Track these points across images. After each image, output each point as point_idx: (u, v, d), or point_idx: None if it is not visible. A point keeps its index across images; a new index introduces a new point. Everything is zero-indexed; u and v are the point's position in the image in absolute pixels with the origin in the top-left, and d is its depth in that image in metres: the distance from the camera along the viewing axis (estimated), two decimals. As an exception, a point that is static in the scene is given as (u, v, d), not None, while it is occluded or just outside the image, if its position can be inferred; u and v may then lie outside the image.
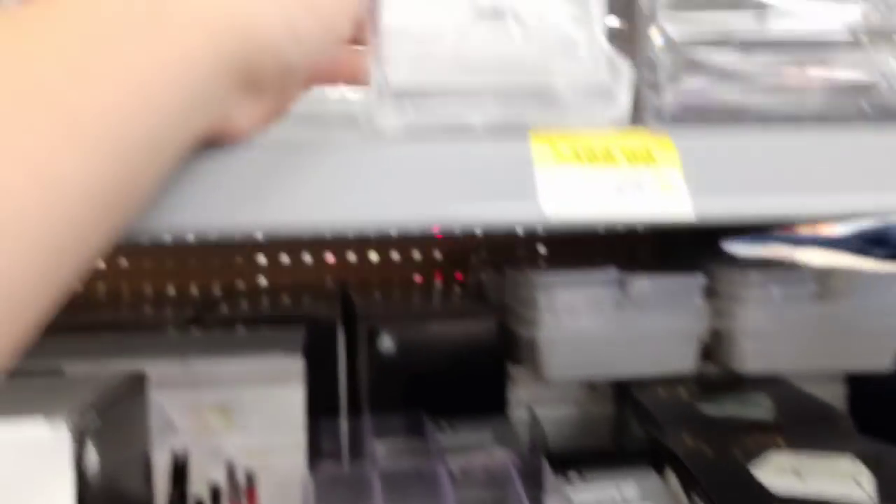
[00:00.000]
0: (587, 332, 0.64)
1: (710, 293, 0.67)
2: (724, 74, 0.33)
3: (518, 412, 0.69)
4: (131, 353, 0.56)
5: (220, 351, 0.57)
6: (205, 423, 0.54)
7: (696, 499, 0.44)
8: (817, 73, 0.38)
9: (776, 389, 0.64)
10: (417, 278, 0.95)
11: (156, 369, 0.52)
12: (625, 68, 0.32)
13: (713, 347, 0.69)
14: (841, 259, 0.81)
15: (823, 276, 0.66)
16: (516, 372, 0.71)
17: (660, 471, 0.51)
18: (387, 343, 0.67)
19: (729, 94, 0.33)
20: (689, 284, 0.66)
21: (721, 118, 0.34)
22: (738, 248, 0.84)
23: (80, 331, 0.66)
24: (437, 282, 0.94)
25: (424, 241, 0.94)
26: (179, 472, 0.53)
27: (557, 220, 0.27)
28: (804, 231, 0.88)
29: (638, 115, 0.33)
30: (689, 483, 0.45)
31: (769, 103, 0.35)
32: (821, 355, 0.66)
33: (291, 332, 0.63)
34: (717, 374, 0.69)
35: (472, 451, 0.56)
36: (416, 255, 0.95)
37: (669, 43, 0.33)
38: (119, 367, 0.51)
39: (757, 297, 0.65)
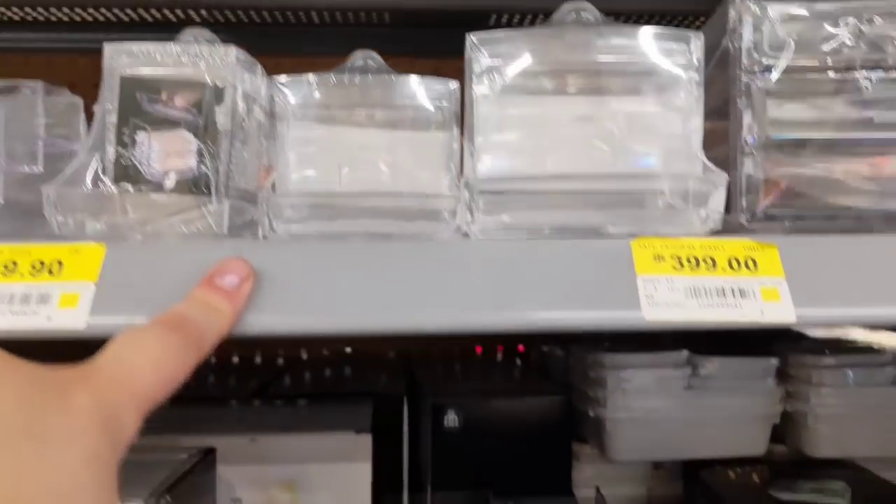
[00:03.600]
0: (655, 414, 0.62)
1: (783, 376, 0.64)
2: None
3: (583, 491, 0.67)
4: (199, 426, 0.56)
5: (287, 426, 0.56)
6: (271, 498, 0.53)
7: None
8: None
9: (852, 475, 0.60)
10: (478, 349, 0.93)
11: (223, 444, 0.52)
12: (720, 176, 0.31)
13: (785, 430, 0.65)
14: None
15: (901, 360, 0.62)
16: (581, 451, 0.69)
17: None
18: (452, 419, 0.65)
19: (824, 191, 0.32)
20: (761, 366, 0.63)
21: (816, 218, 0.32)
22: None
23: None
24: (499, 353, 0.92)
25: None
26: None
27: (658, 324, 0.26)
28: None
29: (731, 221, 0.32)
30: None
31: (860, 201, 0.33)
32: (899, 442, 0.62)
33: (358, 407, 0.62)
34: (788, 457, 0.66)
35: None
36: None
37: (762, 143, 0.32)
38: (188, 442, 0.50)
39: (831, 380, 0.62)
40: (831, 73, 0.33)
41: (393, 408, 0.68)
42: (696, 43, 0.33)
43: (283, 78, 0.37)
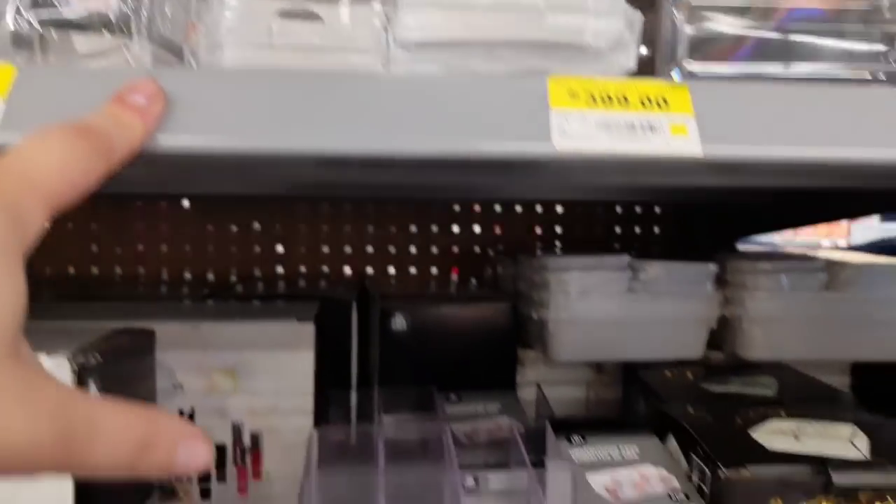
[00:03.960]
0: (597, 316, 0.63)
1: (721, 282, 0.66)
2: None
3: (527, 393, 0.68)
4: (143, 316, 0.56)
5: (231, 316, 0.56)
6: (213, 384, 0.53)
7: (695, 458, 0.42)
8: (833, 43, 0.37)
9: (780, 373, 0.62)
10: (434, 272, 0.94)
11: (165, 330, 0.52)
12: (637, 18, 0.32)
13: (721, 335, 0.67)
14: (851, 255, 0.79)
15: (832, 267, 0.64)
16: (526, 356, 0.70)
17: (662, 439, 0.49)
18: (399, 323, 0.66)
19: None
20: (700, 272, 0.65)
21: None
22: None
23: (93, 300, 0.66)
24: (454, 275, 0.93)
25: (442, 237, 0.93)
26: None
27: (568, 154, 0.27)
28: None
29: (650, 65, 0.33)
30: (688, 445, 0.44)
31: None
32: (827, 344, 0.64)
33: (305, 304, 0.62)
34: (725, 362, 0.68)
35: (478, 419, 0.55)
36: (434, 249, 0.94)
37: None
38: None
39: (765, 285, 0.63)
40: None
41: (342, 311, 0.69)
42: None
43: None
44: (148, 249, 0.88)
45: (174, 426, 0.24)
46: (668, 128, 0.28)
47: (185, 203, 0.89)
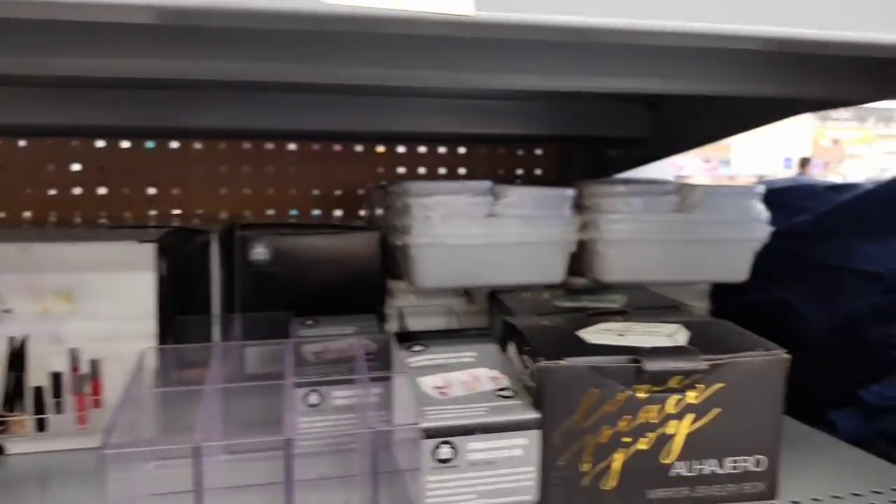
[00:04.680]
0: (459, 241, 0.63)
1: (580, 207, 0.67)
2: None
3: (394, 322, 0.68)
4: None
5: (66, 239, 0.53)
6: (47, 308, 0.50)
7: (525, 357, 0.43)
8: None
9: (635, 292, 0.64)
10: (315, 212, 0.92)
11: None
12: None
13: (581, 260, 0.69)
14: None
15: (682, 190, 0.66)
16: (396, 287, 0.70)
17: (505, 347, 0.50)
18: (260, 253, 0.64)
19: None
20: (558, 196, 0.66)
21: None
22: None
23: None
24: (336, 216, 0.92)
25: (324, 179, 0.91)
26: (16, 358, 0.49)
27: (339, 12, 0.26)
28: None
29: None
30: (522, 346, 0.44)
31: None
32: (679, 266, 0.66)
33: (153, 231, 0.60)
34: (585, 285, 0.69)
35: (331, 340, 0.54)
36: (316, 192, 0.92)
37: None
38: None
39: (619, 207, 0.65)
40: None
41: (201, 241, 0.67)
42: None
43: None
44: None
45: None
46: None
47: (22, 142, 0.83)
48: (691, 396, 0.41)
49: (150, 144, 0.86)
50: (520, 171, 0.96)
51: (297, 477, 0.38)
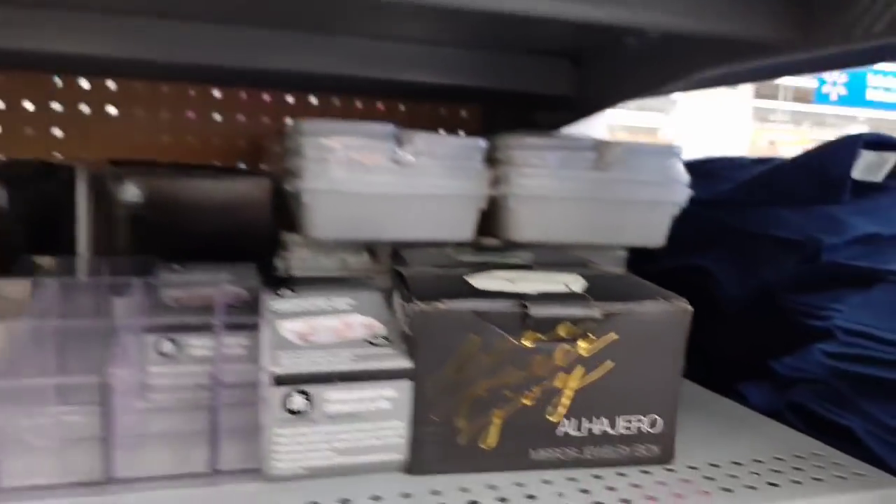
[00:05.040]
0: (357, 188, 0.58)
1: (493, 160, 0.62)
2: None
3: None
4: None
5: None
6: None
7: (406, 304, 0.38)
8: None
9: (544, 251, 0.60)
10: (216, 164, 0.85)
11: None
12: None
13: (493, 218, 0.64)
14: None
15: (600, 146, 0.62)
16: (291, 240, 0.63)
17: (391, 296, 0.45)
18: (131, 193, 0.57)
19: None
20: (467, 147, 0.61)
21: None
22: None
23: None
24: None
25: (226, 127, 0.84)
26: None
27: None
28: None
29: None
30: (403, 293, 0.39)
31: None
32: (596, 227, 0.62)
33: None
34: (497, 244, 0.65)
35: (197, 287, 0.48)
36: (217, 141, 0.85)
37: None
38: None
39: (532, 162, 0.60)
40: None
41: (66, 177, 0.59)
42: None
43: None
44: None
45: None
46: None
47: None
48: (582, 348, 0.36)
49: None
50: (442, 132, 0.91)
51: (120, 430, 0.32)
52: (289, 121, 0.83)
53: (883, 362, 0.49)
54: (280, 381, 0.34)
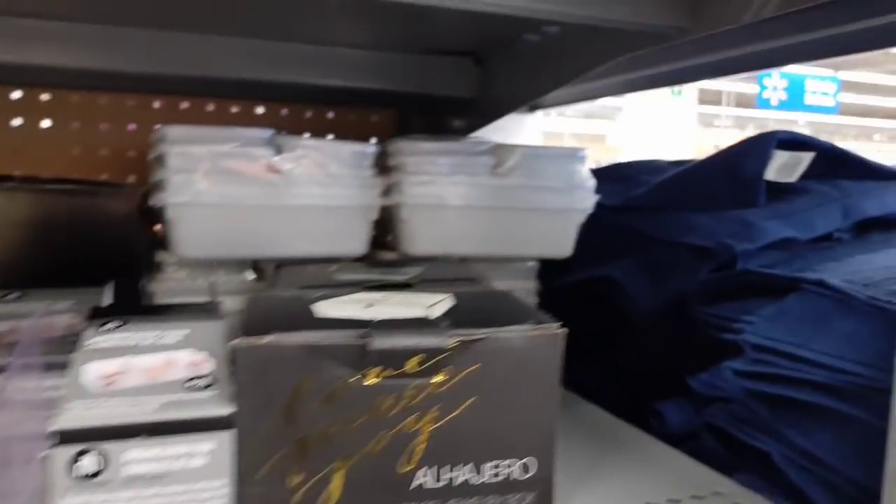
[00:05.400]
0: (228, 200, 0.52)
1: (386, 167, 0.57)
2: None
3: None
4: None
5: None
6: None
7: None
8: None
9: (438, 266, 0.54)
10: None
11: None
12: None
13: (389, 230, 0.59)
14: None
15: (499, 151, 0.57)
16: (166, 259, 0.57)
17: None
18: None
19: None
20: (357, 153, 0.55)
21: None
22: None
23: None
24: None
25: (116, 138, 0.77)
26: None
27: None
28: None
29: None
30: (234, 326, 0.34)
31: None
32: (496, 239, 0.57)
33: None
34: (395, 259, 0.59)
35: (20, 318, 0.41)
36: (104, 151, 0.78)
37: None
38: None
39: (425, 168, 0.55)
40: None
41: None
42: None
43: None
44: None
45: None
46: None
47: None
48: (437, 383, 0.31)
49: None
50: (352, 140, 0.86)
51: None
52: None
53: (793, 381, 0.45)
54: (65, 437, 0.28)
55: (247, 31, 0.66)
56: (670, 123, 6.13)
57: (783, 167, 0.60)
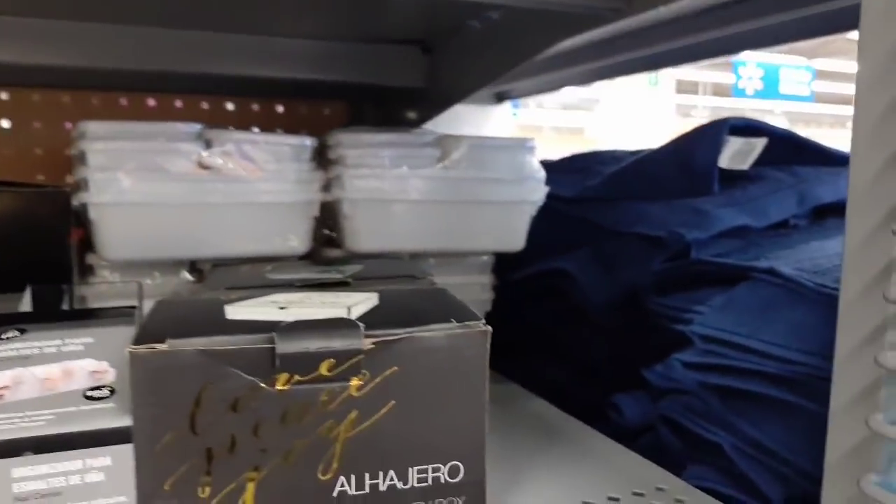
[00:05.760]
0: (156, 199, 0.50)
1: (326, 161, 0.55)
2: None
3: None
4: None
5: None
6: None
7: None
8: None
9: (381, 263, 0.53)
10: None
11: None
12: None
13: (331, 227, 0.57)
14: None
15: (444, 141, 0.56)
16: (97, 261, 0.55)
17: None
18: None
19: None
20: (293, 146, 0.54)
21: None
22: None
23: None
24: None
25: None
26: None
27: None
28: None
29: None
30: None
31: None
32: (443, 233, 0.56)
33: None
34: (340, 257, 0.58)
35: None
36: (39, 150, 0.75)
37: None
38: None
39: (366, 160, 0.54)
40: None
41: None
42: None
43: None
44: None
45: None
46: None
47: None
48: (354, 387, 0.29)
49: None
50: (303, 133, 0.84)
51: None
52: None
53: (742, 372, 0.44)
54: (-58, 458, 0.26)
55: (187, 23, 0.64)
56: (648, 114, 6.16)
57: (736, 154, 0.59)
